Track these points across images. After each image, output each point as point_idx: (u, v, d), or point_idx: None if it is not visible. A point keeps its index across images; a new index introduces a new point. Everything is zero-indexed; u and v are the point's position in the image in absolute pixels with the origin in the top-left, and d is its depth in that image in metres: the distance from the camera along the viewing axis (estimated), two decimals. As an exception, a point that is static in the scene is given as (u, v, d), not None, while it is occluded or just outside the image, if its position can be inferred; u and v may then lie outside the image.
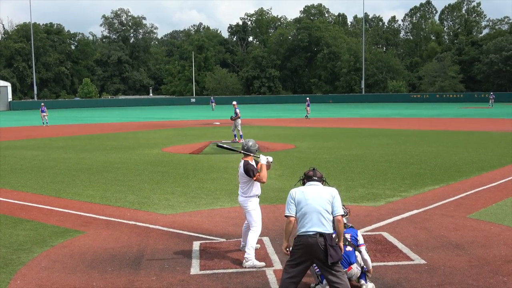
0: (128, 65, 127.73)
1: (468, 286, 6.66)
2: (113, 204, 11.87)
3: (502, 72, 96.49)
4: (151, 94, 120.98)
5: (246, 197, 7.84)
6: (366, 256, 6.78)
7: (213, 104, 73.20)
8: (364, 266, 6.75)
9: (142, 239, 9.01)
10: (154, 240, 8.95)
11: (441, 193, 12.42)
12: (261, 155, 7.79)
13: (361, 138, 26.81)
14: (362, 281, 6.67)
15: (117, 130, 36.59)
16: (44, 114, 42.63)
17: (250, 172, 7.71)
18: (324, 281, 6.39)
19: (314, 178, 6.28)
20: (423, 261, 7.62)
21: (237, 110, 26.49)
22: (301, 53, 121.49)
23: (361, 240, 6.93)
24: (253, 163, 7.87)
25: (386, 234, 9.05)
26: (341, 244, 6.10)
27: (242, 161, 7.86)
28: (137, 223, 10.07)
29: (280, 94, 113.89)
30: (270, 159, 7.77)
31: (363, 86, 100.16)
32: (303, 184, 6.39)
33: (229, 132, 27.76)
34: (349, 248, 6.75)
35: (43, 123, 42.36)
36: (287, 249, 6.18)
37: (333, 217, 6.02)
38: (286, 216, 6.13)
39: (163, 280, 7.06)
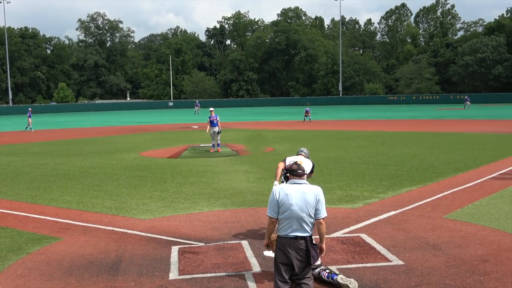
0: (105, 69, 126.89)
1: (446, 286, 6.72)
2: (90, 209, 11.74)
3: (476, 74, 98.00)
4: (128, 98, 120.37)
5: None
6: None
7: (198, 108, 71.55)
8: (334, 272, 6.94)
9: (120, 245, 8.93)
10: (132, 246, 8.88)
11: (418, 194, 12.54)
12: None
13: (339, 140, 26.96)
14: (336, 277, 6.75)
15: (94, 134, 36.26)
16: (29, 120, 42.18)
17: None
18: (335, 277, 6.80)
19: (299, 171, 6.06)
20: (401, 262, 7.67)
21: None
22: (279, 56, 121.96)
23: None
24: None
25: (364, 236, 9.10)
26: (323, 245, 6.06)
27: None
28: (115, 229, 9.98)
29: (258, 97, 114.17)
30: None
31: (340, 88, 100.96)
32: (286, 179, 6.31)
33: (208, 136, 27.34)
34: None
35: (27, 128, 41.79)
36: (269, 246, 6.27)
37: (316, 219, 5.89)
38: (269, 216, 6.02)
39: (141, 286, 7.00)
